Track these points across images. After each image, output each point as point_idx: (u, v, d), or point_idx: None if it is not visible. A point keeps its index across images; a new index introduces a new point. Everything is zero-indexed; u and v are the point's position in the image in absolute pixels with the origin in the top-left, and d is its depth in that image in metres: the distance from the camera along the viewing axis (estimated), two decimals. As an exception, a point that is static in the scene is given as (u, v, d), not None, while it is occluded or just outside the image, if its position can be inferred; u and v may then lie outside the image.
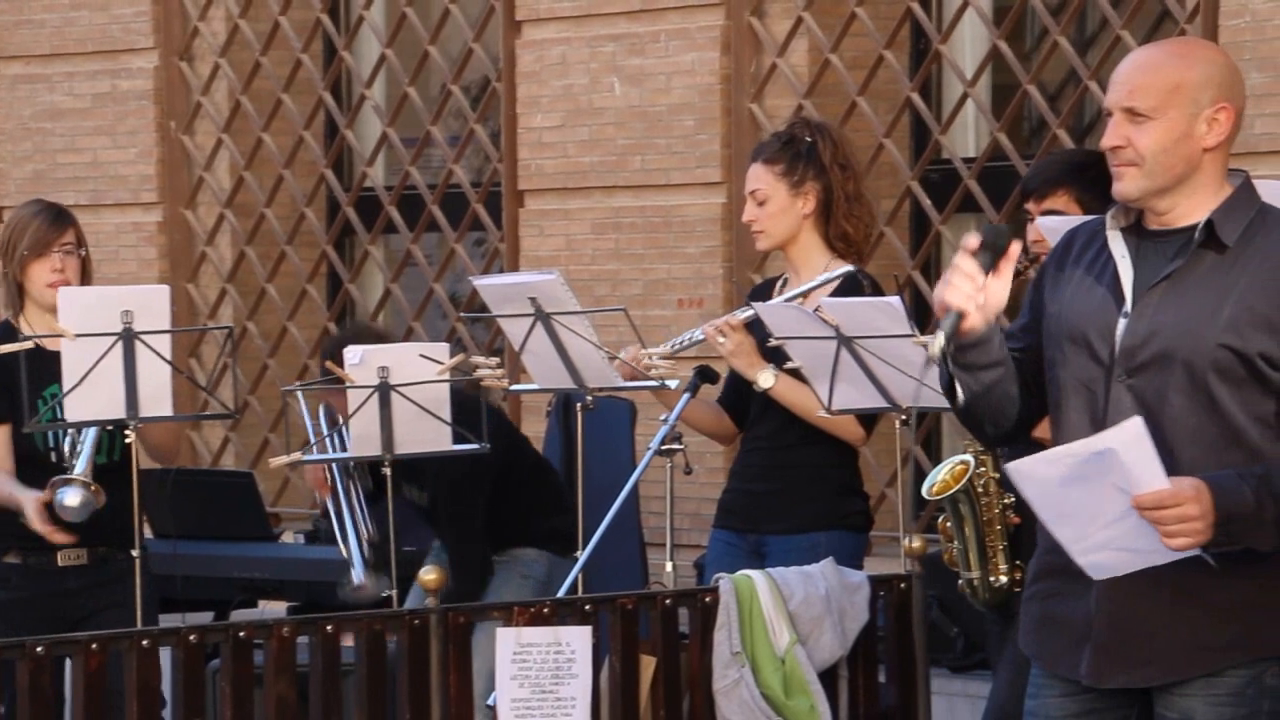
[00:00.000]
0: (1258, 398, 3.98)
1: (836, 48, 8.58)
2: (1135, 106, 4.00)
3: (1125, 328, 4.03)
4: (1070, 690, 4.10)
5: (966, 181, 8.32)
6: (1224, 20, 7.56)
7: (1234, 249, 4.02)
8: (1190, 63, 4.04)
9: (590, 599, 5.38)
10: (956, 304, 3.99)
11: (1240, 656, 4.00)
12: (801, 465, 5.97)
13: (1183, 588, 3.98)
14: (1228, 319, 3.98)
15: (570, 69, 9.13)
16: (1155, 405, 3.99)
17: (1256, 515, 3.91)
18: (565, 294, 6.13)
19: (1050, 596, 4.11)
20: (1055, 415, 4.12)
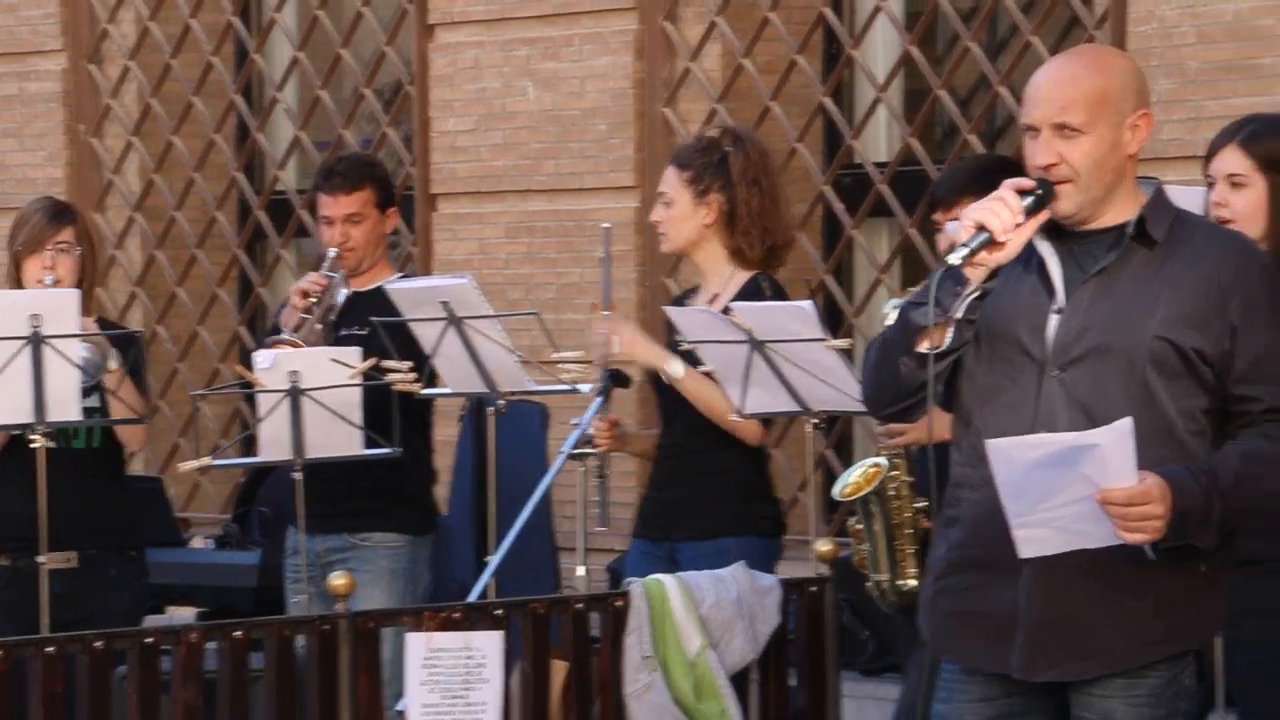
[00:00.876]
0: (1190, 392, 4.03)
1: (749, 52, 8.60)
2: (1067, 122, 4.02)
3: (1058, 323, 4.05)
4: (988, 694, 4.11)
5: (878, 186, 8.35)
6: (1132, 27, 7.61)
7: (1162, 247, 4.07)
8: (1110, 73, 4.07)
9: (501, 603, 5.37)
10: (993, 227, 3.96)
11: (1171, 648, 4.04)
12: (709, 470, 5.97)
13: (1114, 581, 4.02)
14: (1164, 314, 4.02)
15: (483, 73, 9.11)
16: (1089, 399, 4.02)
17: (1204, 514, 3.97)
18: (477, 298, 6.11)
19: (965, 590, 4.11)
20: (975, 411, 4.11)
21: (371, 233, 6.41)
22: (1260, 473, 4.01)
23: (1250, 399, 4.04)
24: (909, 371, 4.02)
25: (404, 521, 6.34)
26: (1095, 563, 3.99)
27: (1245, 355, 4.03)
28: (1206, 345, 4.02)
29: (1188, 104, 7.47)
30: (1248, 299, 4.03)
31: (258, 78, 9.99)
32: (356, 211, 6.39)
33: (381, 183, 6.50)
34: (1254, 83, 7.30)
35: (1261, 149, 5.08)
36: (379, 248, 6.47)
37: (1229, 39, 7.41)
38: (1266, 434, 4.04)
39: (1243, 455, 4.01)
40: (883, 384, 4.09)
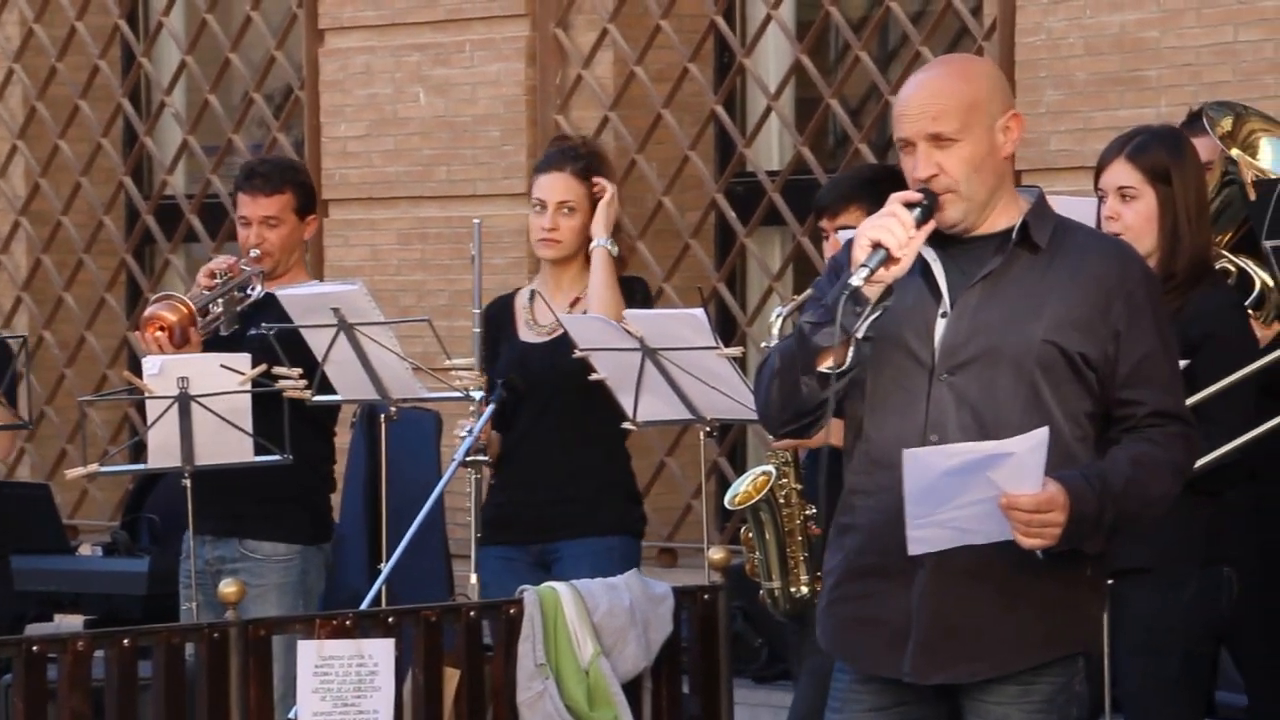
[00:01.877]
0: (1076, 396, 4.07)
1: (641, 60, 8.61)
2: (941, 132, 4.05)
3: (945, 327, 4.08)
4: (881, 703, 4.13)
5: (770, 194, 8.38)
6: (1020, 38, 7.68)
7: (1046, 252, 4.11)
8: (974, 78, 4.11)
9: (393, 611, 5.35)
10: (889, 244, 3.99)
11: (1058, 651, 4.07)
12: (590, 470, 5.97)
13: (1005, 585, 4.05)
14: (1050, 317, 4.06)
15: (375, 78, 9.08)
16: (980, 403, 4.05)
17: (1096, 520, 4.02)
18: (368, 304, 6.08)
19: (862, 597, 4.13)
20: (867, 418, 4.13)
21: (288, 238, 6.37)
22: (1146, 478, 4.05)
23: (1134, 402, 4.08)
24: (810, 391, 4.04)
25: (296, 531, 6.29)
26: (985, 568, 4.03)
27: (1129, 359, 4.07)
28: (1091, 349, 4.06)
29: (1076, 115, 7.54)
30: (1131, 303, 4.07)
31: (145, 81, 9.92)
32: (274, 215, 6.35)
33: (303, 188, 6.44)
34: (1140, 94, 7.38)
35: (1149, 161, 5.14)
36: (295, 253, 6.42)
37: (1115, 50, 7.49)
38: (1151, 438, 4.08)
39: (1132, 460, 4.05)
40: (780, 402, 4.10)
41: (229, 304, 6.27)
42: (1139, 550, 4.89)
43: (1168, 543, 4.97)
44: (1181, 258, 5.10)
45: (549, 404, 5.97)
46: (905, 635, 4.08)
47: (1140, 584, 5.01)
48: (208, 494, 6.21)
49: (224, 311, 6.29)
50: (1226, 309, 5.14)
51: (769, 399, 4.13)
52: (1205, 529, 5.07)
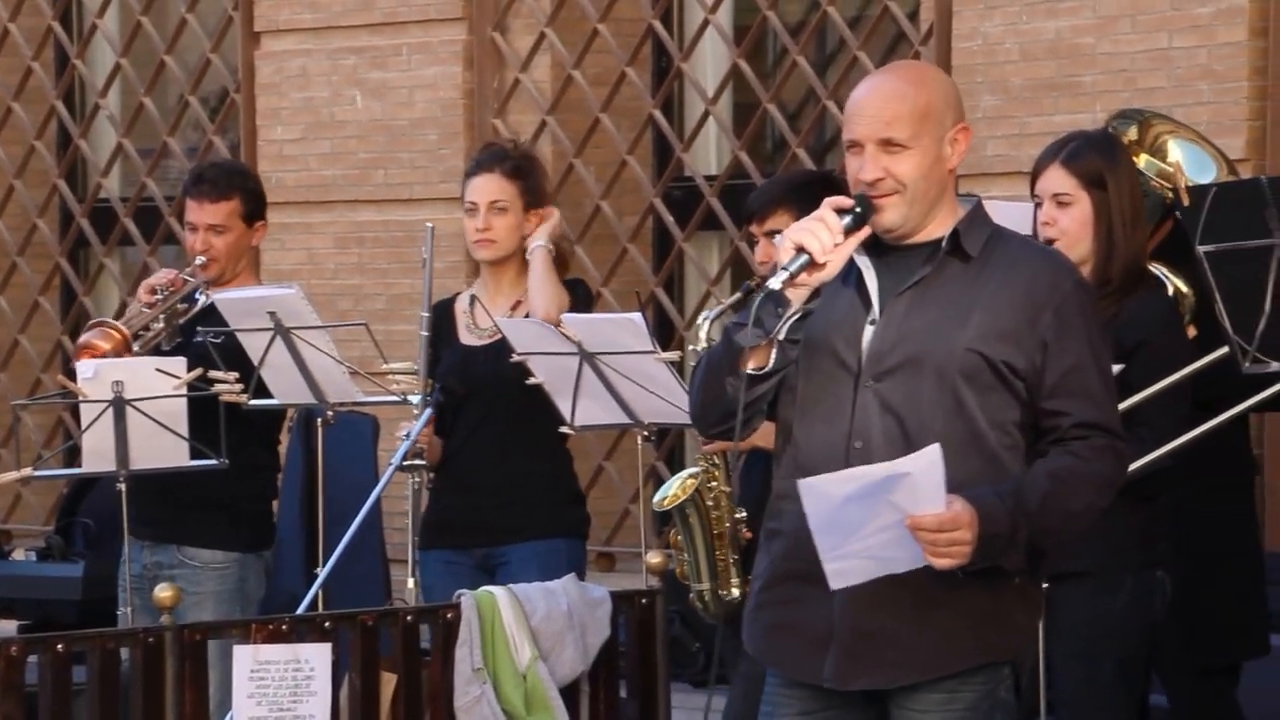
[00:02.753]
0: (1002, 404, 4.07)
1: (579, 64, 8.61)
2: (893, 137, 4.06)
3: (873, 334, 4.09)
4: (810, 706, 4.13)
5: (708, 199, 8.39)
6: (956, 43, 7.71)
7: (977, 261, 4.11)
8: (930, 87, 4.12)
9: (330, 615, 5.33)
10: (812, 249, 3.99)
11: (980, 659, 4.07)
12: (532, 473, 5.96)
13: (927, 592, 4.04)
14: (975, 326, 4.06)
15: (311, 81, 9.06)
16: (903, 410, 4.05)
17: (1011, 536, 4.00)
18: (305, 308, 6.06)
19: (786, 602, 4.14)
20: (796, 423, 4.14)
21: (235, 244, 6.33)
22: (1066, 493, 4.03)
23: (1060, 414, 4.07)
24: (734, 392, 4.04)
25: (234, 538, 6.26)
26: (907, 575, 4.02)
27: (1055, 370, 4.06)
28: (1018, 359, 4.06)
29: (1011, 120, 7.57)
30: (1059, 314, 4.07)
31: (79, 83, 9.87)
32: (220, 222, 6.31)
33: (251, 195, 6.39)
34: (1075, 100, 7.42)
35: (1084, 166, 5.16)
36: (243, 260, 6.38)
37: (1050, 56, 7.52)
38: (1074, 451, 4.07)
39: (1050, 475, 4.04)
40: (708, 403, 4.11)
41: (170, 318, 6.23)
42: (1074, 555, 4.91)
43: (1103, 547, 4.99)
44: (1117, 263, 5.13)
45: (491, 408, 5.96)
46: (826, 641, 4.08)
47: (1075, 588, 5.03)
48: (146, 499, 6.17)
49: (165, 328, 6.25)
50: (1162, 315, 5.16)
51: (699, 400, 4.14)
52: (1140, 534, 5.10)
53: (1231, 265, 4.56)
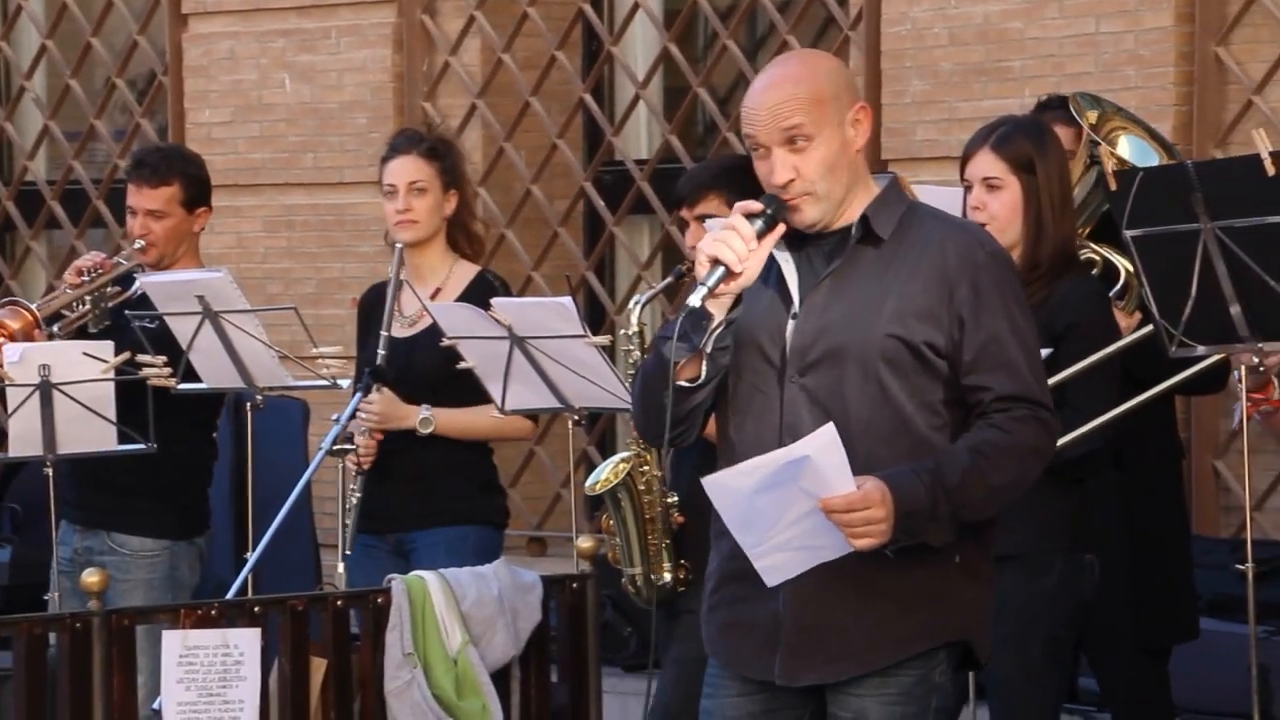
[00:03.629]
0: (926, 385, 4.06)
1: (509, 47, 8.59)
2: (794, 132, 4.03)
3: (794, 328, 4.08)
4: (748, 689, 4.14)
5: (639, 183, 8.39)
6: (886, 28, 7.73)
7: (889, 243, 4.10)
8: (819, 74, 4.09)
9: (260, 600, 5.31)
10: (727, 260, 3.98)
11: (924, 644, 4.07)
12: (444, 461, 5.96)
13: (865, 581, 4.05)
14: (892, 310, 4.05)
15: (239, 64, 9.01)
16: (830, 402, 4.05)
17: (931, 512, 3.99)
18: (234, 292, 6.04)
19: (736, 602, 4.14)
20: (730, 422, 4.14)
21: (175, 230, 6.29)
22: (987, 466, 4.02)
23: (982, 388, 4.05)
24: (673, 404, 4.05)
25: (165, 526, 6.23)
26: (846, 566, 4.02)
27: (973, 345, 4.05)
28: (937, 337, 4.04)
29: (941, 105, 7.59)
30: (974, 288, 4.05)
31: (4, 66, 9.79)
32: (159, 208, 6.27)
33: (192, 180, 6.35)
34: (1004, 85, 7.45)
35: (1013, 151, 5.18)
36: (183, 245, 6.33)
37: (979, 41, 7.55)
38: (996, 424, 4.05)
39: (971, 449, 4.03)
40: (648, 416, 4.12)
41: (98, 300, 6.19)
42: (1005, 537, 4.92)
43: (1033, 530, 5.02)
44: (1046, 247, 5.15)
45: (407, 398, 5.95)
46: (775, 638, 4.09)
47: (1005, 570, 5.04)
48: (79, 484, 6.14)
49: (92, 310, 6.21)
50: (1091, 299, 5.19)
51: (641, 413, 4.15)
52: (1070, 516, 5.13)
53: (1158, 249, 4.59)
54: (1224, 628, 6.53)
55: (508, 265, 8.39)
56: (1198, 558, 6.52)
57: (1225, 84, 7.24)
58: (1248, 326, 4.56)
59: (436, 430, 5.90)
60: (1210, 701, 6.57)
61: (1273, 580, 6.71)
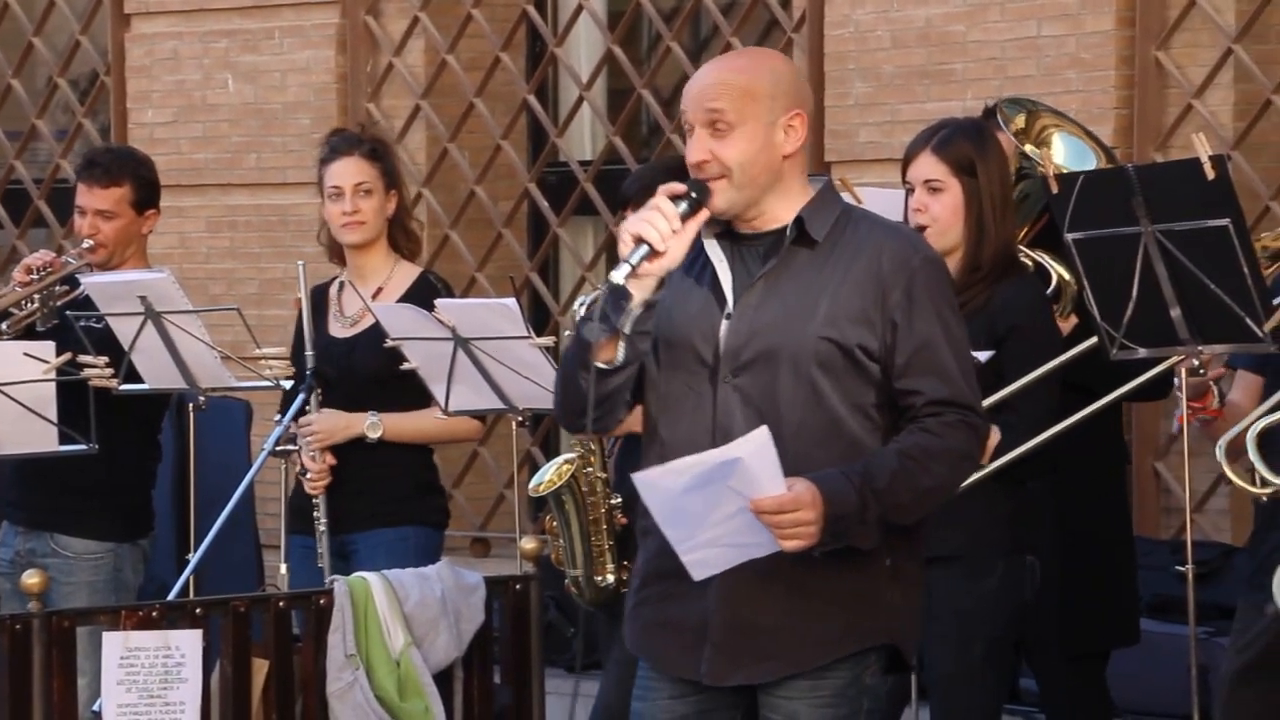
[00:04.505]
0: (858, 388, 4.08)
1: (453, 48, 8.59)
2: (715, 119, 4.05)
3: (727, 329, 4.09)
4: (680, 692, 4.14)
5: (583, 184, 8.40)
6: (829, 30, 7.75)
7: (824, 246, 4.11)
8: (760, 72, 4.11)
9: (201, 602, 5.29)
10: (650, 239, 3.98)
11: (854, 645, 4.09)
12: (385, 463, 5.95)
13: (795, 583, 4.05)
14: (826, 313, 4.06)
15: (182, 64, 8.99)
16: (763, 403, 4.06)
17: (860, 515, 4.00)
18: (176, 292, 6.02)
19: (663, 600, 4.14)
20: (660, 420, 4.14)
21: (124, 231, 6.27)
22: (916, 469, 4.03)
23: (913, 392, 4.07)
24: (588, 386, 4.04)
25: (109, 528, 6.20)
26: (777, 567, 4.03)
27: (906, 349, 4.06)
28: (870, 341, 4.06)
29: (883, 107, 7.62)
30: (907, 292, 4.06)
31: (-54, 65, 9.74)
32: (109, 208, 6.25)
33: (142, 182, 6.33)
34: (946, 87, 7.48)
35: (954, 154, 5.20)
36: (131, 246, 6.32)
37: (921, 44, 7.58)
38: (927, 428, 4.06)
39: (900, 453, 4.04)
40: (567, 399, 4.11)
41: (46, 300, 6.17)
42: (946, 538, 4.95)
43: (974, 532, 5.04)
44: (987, 249, 5.17)
45: (348, 400, 5.94)
46: (702, 637, 4.09)
47: (947, 572, 5.07)
48: (23, 484, 6.11)
49: (40, 309, 6.18)
50: (1032, 302, 5.21)
51: (560, 397, 4.14)
52: (1010, 518, 5.15)
53: (1100, 252, 4.61)
54: (1164, 629, 6.57)
55: (452, 266, 8.39)
56: (1139, 559, 6.56)
57: (1165, 88, 7.29)
58: (1188, 329, 4.58)
59: (385, 435, 5.90)
60: (1151, 702, 6.61)
61: (1213, 581, 6.75)
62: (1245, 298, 4.47)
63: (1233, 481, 4.36)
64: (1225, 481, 4.52)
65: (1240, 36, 7.16)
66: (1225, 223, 4.45)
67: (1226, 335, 4.54)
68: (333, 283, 6.16)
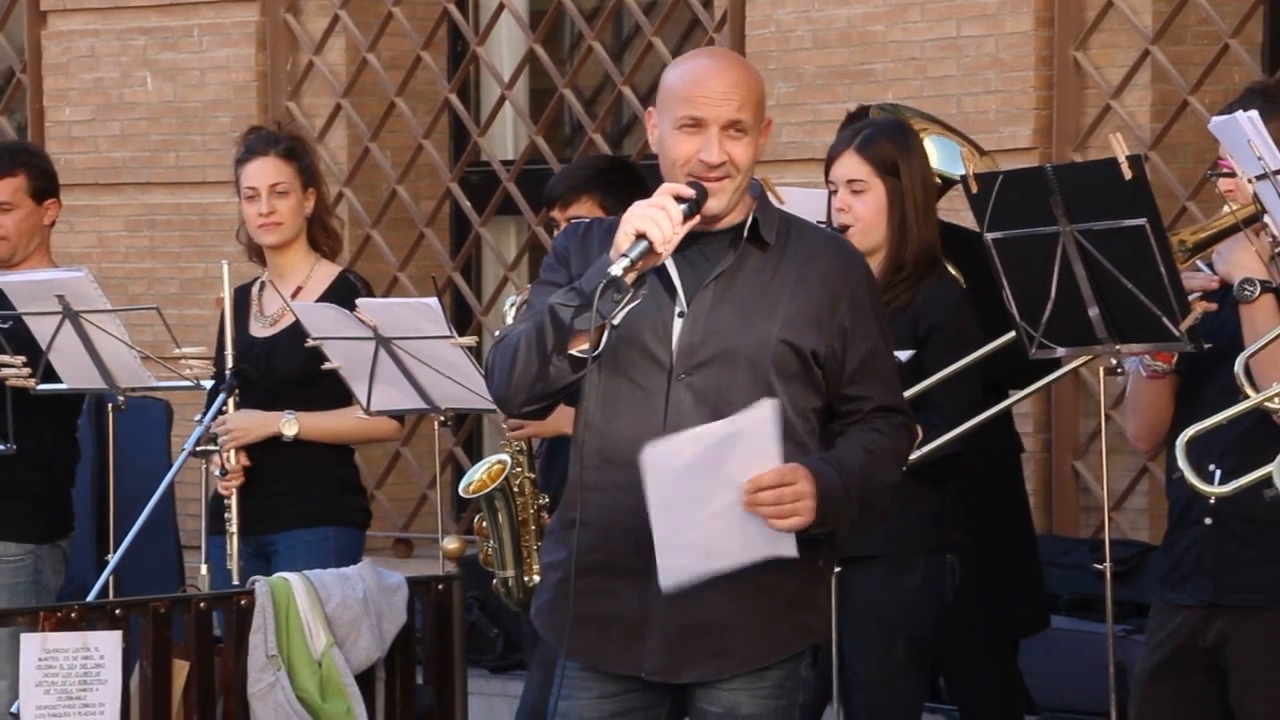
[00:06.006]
0: (804, 392, 4.13)
1: (374, 47, 8.57)
2: (741, 121, 4.09)
3: (682, 327, 4.11)
4: (611, 690, 4.15)
5: (506, 184, 8.39)
6: (750, 30, 7.77)
7: (774, 248, 4.16)
8: (758, 79, 4.19)
9: (121, 603, 5.27)
10: (654, 238, 3.99)
11: (799, 644, 4.15)
12: (305, 464, 5.94)
13: (744, 580, 4.08)
14: (785, 316, 4.11)
15: (100, 62, 8.94)
16: (717, 402, 4.08)
17: (846, 499, 4.08)
18: (94, 291, 5.99)
19: (596, 594, 4.13)
20: (599, 416, 4.14)
21: (24, 222, 6.24)
22: (877, 466, 4.13)
23: (861, 398, 4.16)
24: (558, 373, 4.04)
25: (28, 529, 6.16)
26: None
27: (855, 356, 4.14)
28: (821, 347, 4.13)
29: (805, 107, 7.64)
30: (856, 301, 4.15)
31: None
32: (6, 199, 6.22)
33: (38, 172, 6.30)
34: (867, 87, 7.50)
35: (877, 154, 5.22)
36: (35, 239, 6.28)
37: (842, 44, 7.60)
38: (878, 428, 4.16)
39: (864, 449, 4.13)
40: (526, 382, 4.09)
41: None
42: (868, 539, 4.97)
43: (895, 531, 5.06)
44: (910, 249, 5.20)
45: (267, 400, 5.93)
46: (639, 632, 4.10)
47: (868, 571, 5.09)
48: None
49: None
50: (953, 302, 5.24)
51: (511, 379, 4.11)
52: (932, 517, 5.17)
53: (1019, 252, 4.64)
54: (1083, 627, 6.61)
55: (374, 266, 8.37)
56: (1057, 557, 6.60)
57: (1084, 88, 7.33)
58: (1106, 328, 4.62)
59: (301, 434, 5.88)
60: (1069, 699, 6.65)
61: (1131, 580, 6.80)
62: (1162, 297, 4.50)
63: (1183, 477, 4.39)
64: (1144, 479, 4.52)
65: (1157, 38, 7.21)
66: (1142, 222, 4.48)
67: (1144, 334, 4.58)
68: (254, 282, 6.14)
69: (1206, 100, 7.04)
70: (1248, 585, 4.54)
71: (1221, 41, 7.12)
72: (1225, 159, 4.59)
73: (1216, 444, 4.47)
